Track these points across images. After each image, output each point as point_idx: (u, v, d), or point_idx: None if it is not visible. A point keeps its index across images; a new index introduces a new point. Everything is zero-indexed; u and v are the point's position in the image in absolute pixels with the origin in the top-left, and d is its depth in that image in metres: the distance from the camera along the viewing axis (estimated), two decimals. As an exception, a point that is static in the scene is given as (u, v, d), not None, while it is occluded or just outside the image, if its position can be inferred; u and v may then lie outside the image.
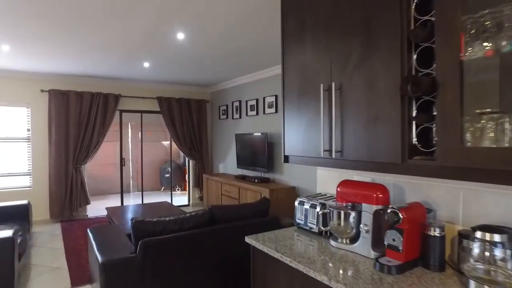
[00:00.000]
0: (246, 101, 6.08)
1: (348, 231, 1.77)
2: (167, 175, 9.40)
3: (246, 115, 6.10)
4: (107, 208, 5.21)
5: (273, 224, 3.22)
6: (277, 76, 5.31)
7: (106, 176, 9.21)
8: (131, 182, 9.54)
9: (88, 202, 6.12)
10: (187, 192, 9.49)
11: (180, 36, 3.69)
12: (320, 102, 1.83)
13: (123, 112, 6.56)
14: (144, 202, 7.10)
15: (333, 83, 1.75)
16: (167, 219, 2.80)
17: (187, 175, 9.51)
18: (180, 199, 8.47)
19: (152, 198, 8.68)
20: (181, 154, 9.87)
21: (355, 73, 1.65)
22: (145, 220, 2.69)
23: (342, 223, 1.78)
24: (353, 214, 1.75)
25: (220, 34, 3.67)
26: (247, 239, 2.01)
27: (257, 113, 5.82)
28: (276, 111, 5.35)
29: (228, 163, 6.77)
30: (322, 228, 1.91)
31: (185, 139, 6.92)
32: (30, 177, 5.84)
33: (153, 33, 3.59)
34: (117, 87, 6.40)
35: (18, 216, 4.49)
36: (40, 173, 5.84)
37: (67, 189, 5.90)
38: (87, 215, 6.27)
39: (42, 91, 5.77)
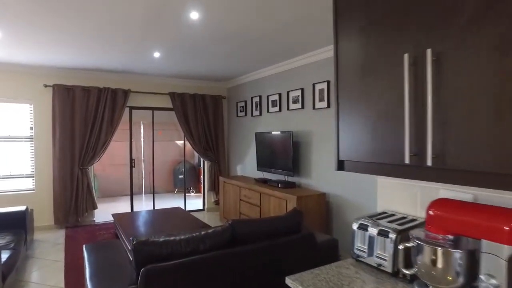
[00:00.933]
0: (268, 97, 5.48)
1: (450, 278, 1.15)
2: (180, 176, 8.89)
3: (267, 111, 5.49)
4: (113, 215, 4.70)
5: (308, 242, 2.61)
6: (304, 67, 4.69)
7: (118, 177, 8.77)
8: (143, 184, 9.07)
9: (95, 207, 5.64)
10: (201, 194, 8.98)
11: (194, 15, 3.11)
12: (403, 81, 1.21)
13: (133, 109, 6.05)
14: (155, 207, 6.59)
15: (428, 51, 1.12)
16: (177, 238, 2.21)
17: (201, 177, 9.00)
18: (194, 202, 7.93)
19: (165, 201, 8.19)
20: (196, 154, 9.36)
21: (471, 29, 1.02)
22: (149, 241, 2.11)
23: (439, 266, 1.16)
24: (458, 253, 1.13)
25: (241, 14, 3.07)
26: (289, 281, 1.41)
27: (279, 109, 5.21)
28: (303, 107, 4.73)
29: (246, 164, 6.18)
30: (404, 270, 1.29)
31: (200, 138, 6.36)
32: (33, 179, 5.40)
33: (161, 13, 3.03)
34: (127, 81, 5.90)
35: (15, 224, 4.02)
36: (44, 175, 5.39)
37: (73, 193, 5.43)
38: (94, 220, 5.79)
39: (46, 86, 5.31)
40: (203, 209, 6.78)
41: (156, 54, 4.53)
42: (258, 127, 5.76)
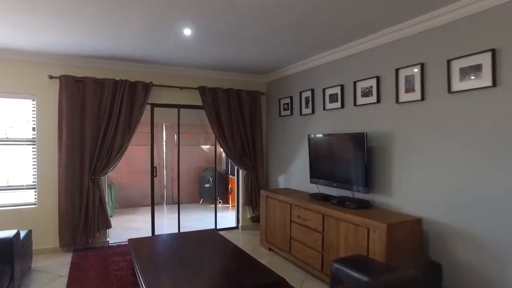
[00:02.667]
0: (324, 90, 4.29)
1: None
2: (207, 185, 7.79)
3: (324, 108, 4.30)
4: (130, 241, 3.60)
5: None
6: (382, 48, 3.48)
7: (136, 185, 7.74)
8: (165, 193, 8.01)
9: (108, 226, 4.56)
10: (229, 205, 7.85)
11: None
12: None
13: (155, 107, 4.98)
14: (180, 221, 5.47)
15: None
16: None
17: (230, 186, 7.87)
18: (224, 216, 6.79)
19: (189, 213, 7.08)
20: (224, 160, 8.23)
21: None
22: None
23: None
24: None
25: None
26: None
27: (342, 105, 4.01)
28: (378, 101, 3.52)
29: (292, 175, 4.99)
30: None
31: (235, 142, 5.22)
32: (35, 192, 4.37)
33: None
34: (148, 73, 4.84)
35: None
36: (48, 187, 4.35)
37: (82, 208, 4.37)
38: (108, 241, 4.71)
39: (51, 77, 4.29)
40: (237, 227, 5.61)
41: (187, 31, 3.42)
42: (310, 128, 4.57)
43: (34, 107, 4.35)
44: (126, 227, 5.99)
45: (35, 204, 4.35)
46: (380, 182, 3.48)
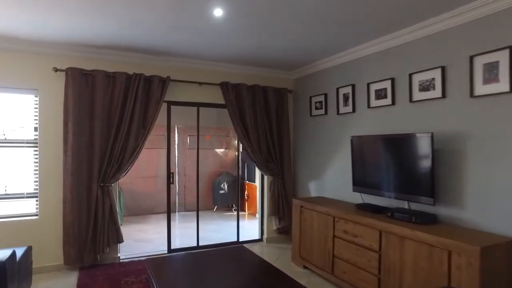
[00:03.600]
0: (368, 85, 3.70)
1: None
2: (221, 192, 7.18)
3: (368, 106, 3.70)
4: (147, 262, 2.99)
5: None
6: (449, 31, 2.89)
7: (147, 191, 7.14)
8: (176, 200, 7.40)
9: (120, 240, 3.96)
10: (246, 213, 7.25)
11: None
12: None
13: (171, 105, 4.40)
14: (194, 231, 4.86)
15: None
16: None
17: (246, 192, 7.27)
18: (242, 226, 6.17)
19: (205, 222, 6.46)
20: (240, 164, 7.63)
21: None
22: None
23: None
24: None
25: None
26: None
27: (392, 102, 3.41)
28: (443, 95, 2.92)
29: (327, 182, 4.38)
30: None
31: (260, 145, 4.63)
32: (37, 201, 3.78)
33: None
34: (165, 66, 4.26)
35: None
36: (51, 195, 3.77)
37: (90, 220, 3.77)
38: (119, 257, 4.11)
39: (56, 70, 3.72)
40: (261, 239, 4.99)
41: (217, 12, 2.84)
42: (350, 128, 3.97)
43: (37, 104, 3.78)
44: (137, 239, 5.39)
45: (37, 215, 3.76)
46: (448, 192, 2.88)
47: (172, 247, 4.55)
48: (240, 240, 4.91)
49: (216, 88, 4.51)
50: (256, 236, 5.09)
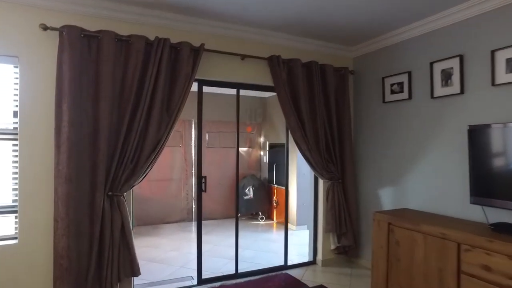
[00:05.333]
0: (493, 53, 2.49)
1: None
2: (246, 197, 5.95)
3: (493, 84, 2.50)
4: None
5: None
6: None
7: (159, 198, 5.88)
8: (193, 206, 6.16)
9: (135, 272, 2.70)
10: (274, 222, 6.02)
11: None
12: None
13: (204, 85, 3.18)
14: (223, 250, 3.62)
15: None
16: None
17: (276, 198, 6.05)
18: (274, 239, 4.96)
19: (228, 234, 5.23)
20: (264, 165, 6.42)
21: None
22: None
23: None
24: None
25: None
26: None
27: (546, 73, 2.23)
28: None
29: (410, 190, 3.17)
30: None
31: (319, 140, 3.42)
32: (16, 218, 2.54)
33: None
34: (196, 31, 3.04)
35: None
36: (37, 209, 2.52)
37: (93, 245, 2.53)
38: (133, 293, 2.87)
39: (46, 28, 2.48)
40: (313, 262, 3.76)
41: None
42: (456, 116, 2.75)
43: (17, 78, 2.54)
44: (150, 258, 4.14)
45: (15, 239, 2.51)
46: None
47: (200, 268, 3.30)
48: (288, 264, 3.68)
49: (262, 64, 3.29)
50: (305, 256, 3.87)
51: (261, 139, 6.50)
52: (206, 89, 3.19)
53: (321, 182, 3.68)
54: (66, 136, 2.46)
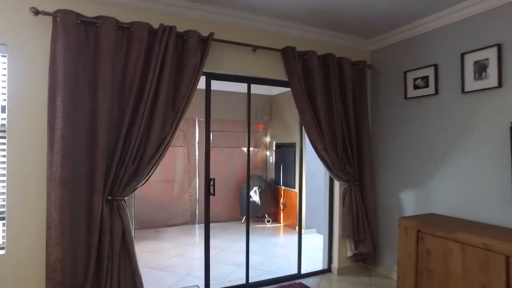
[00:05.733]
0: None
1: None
2: (251, 199, 5.66)
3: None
4: None
5: None
6: None
7: (160, 199, 5.59)
8: (197, 208, 5.87)
9: (137, 285, 2.40)
10: (281, 225, 5.74)
11: None
12: None
13: (212, 79, 2.89)
14: (231, 256, 3.34)
15: None
16: None
17: (283, 200, 5.77)
18: (282, 244, 4.68)
19: (234, 238, 4.94)
20: (271, 165, 6.14)
21: None
22: None
23: None
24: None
25: None
26: None
27: None
28: None
29: (438, 194, 2.87)
30: None
31: (336, 139, 3.13)
32: (3, 225, 2.25)
33: None
34: (205, 20, 2.75)
35: None
36: (27, 216, 2.22)
37: (90, 256, 2.24)
38: (135, 308, 2.57)
39: (38, 13, 2.19)
40: (329, 270, 3.47)
41: None
42: (492, 112, 2.46)
43: (4, 68, 2.25)
44: (153, 265, 3.85)
45: (2, 249, 2.22)
46: None
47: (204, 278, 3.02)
48: (302, 273, 3.39)
49: (275, 56, 3.00)
50: (318, 262, 3.58)
51: (267, 139, 6.21)
52: (212, 85, 2.90)
53: (336, 184, 3.40)
54: (60, 133, 2.17)
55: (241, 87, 3.19)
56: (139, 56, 2.39)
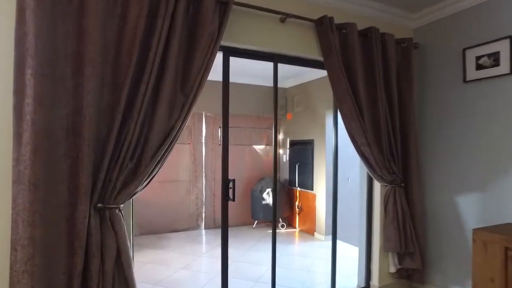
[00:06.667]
0: None
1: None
2: (264, 202, 5.05)
3: None
4: None
5: None
6: None
7: (163, 202, 4.96)
8: (203, 211, 5.25)
9: (136, 322, 1.80)
10: (296, 230, 5.12)
11: None
12: None
13: (231, 55, 2.26)
14: (250, 269, 2.72)
15: None
16: None
17: (298, 202, 5.15)
18: (299, 252, 4.07)
19: (246, 244, 4.33)
20: (284, 165, 5.53)
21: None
22: None
23: None
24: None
25: None
26: None
27: None
28: None
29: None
30: None
31: (381, 131, 2.52)
32: (-46, 244, 1.63)
33: None
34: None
35: None
36: (-12, 230, 1.61)
37: (73, 284, 1.62)
38: None
39: (2, -42, 1.58)
40: (367, 287, 2.86)
41: None
42: None
43: (-43, 31, 1.64)
44: (157, 280, 3.22)
45: (-48, 277, 1.61)
46: None
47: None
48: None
49: (306, 28, 2.38)
50: (351, 278, 2.96)
51: (280, 136, 5.58)
52: (216, 76, 2.25)
53: (376, 186, 2.78)
54: (31, 118, 1.55)
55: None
56: (138, 19, 1.76)
